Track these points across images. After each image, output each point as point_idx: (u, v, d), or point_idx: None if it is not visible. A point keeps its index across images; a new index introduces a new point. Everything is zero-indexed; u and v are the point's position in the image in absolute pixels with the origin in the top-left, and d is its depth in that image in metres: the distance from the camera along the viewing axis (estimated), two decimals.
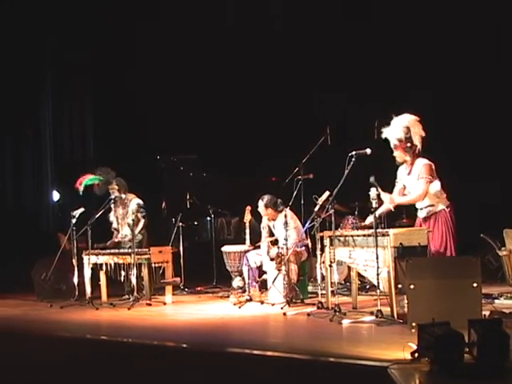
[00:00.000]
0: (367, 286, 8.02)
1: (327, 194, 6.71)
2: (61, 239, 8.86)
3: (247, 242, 8.12)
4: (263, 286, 7.76)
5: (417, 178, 6.26)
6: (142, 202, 8.53)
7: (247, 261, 7.84)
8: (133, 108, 11.21)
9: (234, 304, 7.44)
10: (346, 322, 5.88)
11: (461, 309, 5.08)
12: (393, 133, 6.34)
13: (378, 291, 6.03)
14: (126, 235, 8.50)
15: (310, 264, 7.87)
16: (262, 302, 7.41)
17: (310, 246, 7.67)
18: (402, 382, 3.80)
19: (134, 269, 7.76)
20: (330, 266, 6.56)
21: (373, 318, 5.87)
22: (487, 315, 5.45)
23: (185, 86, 11.01)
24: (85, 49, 11.71)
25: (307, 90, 10.52)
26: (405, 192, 6.51)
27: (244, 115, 10.80)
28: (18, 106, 11.64)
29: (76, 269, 8.12)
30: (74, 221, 8.13)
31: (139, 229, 8.39)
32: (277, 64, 10.64)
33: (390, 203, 6.32)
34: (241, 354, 4.89)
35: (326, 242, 6.68)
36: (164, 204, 10.16)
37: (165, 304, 7.93)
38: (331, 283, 6.65)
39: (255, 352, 4.84)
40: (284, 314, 6.68)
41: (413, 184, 6.34)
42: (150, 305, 7.77)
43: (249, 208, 8.21)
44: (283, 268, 7.24)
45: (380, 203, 6.42)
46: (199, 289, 9.11)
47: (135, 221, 8.16)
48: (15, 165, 11.93)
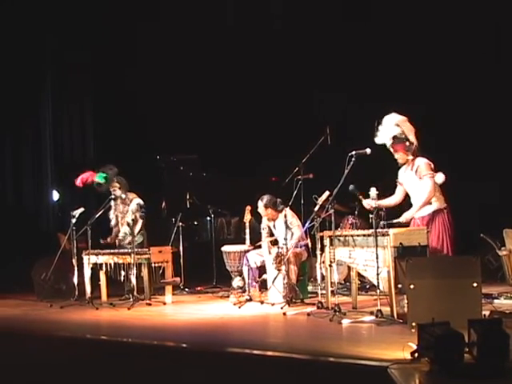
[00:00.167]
0: (367, 286, 8.01)
1: (327, 193, 6.71)
2: (61, 239, 8.85)
3: (247, 241, 8.12)
4: (263, 286, 7.76)
5: (418, 177, 6.28)
6: (142, 203, 8.53)
7: (247, 261, 7.84)
8: (133, 108, 11.20)
9: (234, 304, 7.44)
10: (345, 322, 5.88)
11: (461, 309, 5.08)
12: (387, 134, 6.35)
13: (378, 291, 6.03)
14: (125, 234, 8.50)
15: (309, 264, 7.87)
16: (262, 302, 7.41)
17: (309, 245, 7.67)
18: (402, 381, 3.80)
19: (134, 269, 7.76)
20: (330, 265, 6.57)
21: (373, 317, 5.87)
22: (487, 315, 5.45)
23: (185, 86, 11.01)
24: (85, 49, 11.70)
25: (307, 90, 10.52)
26: (400, 189, 6.56)
27: (244, 115, 10.79)
28: (18, 106, 11.63)
29: (76, 269, 8.12)
30: (73, 221, 8.13)
31: (137, 230, 8.38)
32: (277, 64, 10.63)
33: (408, 220, 6.32)
34: (241, 354, 4.89)
35: (326, 241, 6.68)
36: (164, 204, 10.16)
37: (165, 304, 7.93)
38: (331, 283, 6.65)
39: (255, 352, 4.84)
40: (284, 313, 6.68)
41: (413, 182, 6.35)
42: (149, 305, 7.77)
43: (249, 208, 8.20)
44: (283, 268, 7.24)
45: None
46: (199, 289, 9.11)
47: (134, 220, 8.16)
48: (15, 165, 11.92)
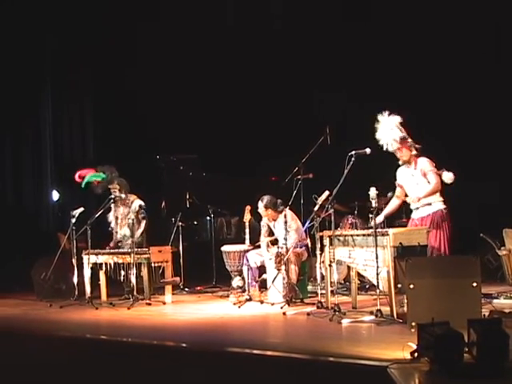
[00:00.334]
0: (367, 286, 8.01)
1: (327, 193, 6.71)
2: (60, 239, 8.86)
3: (247, 241, 8.12)
4: (263, 286, 7.76)
5: (423, 174, 6.30)
6: (143, 204, 8.52)
7: (247, 260, 7.84)
8: (133, 108, 11.20)
9: (234, 304, 7.44)
10: (345, 322, 5.88)
11: (460, 308, 5.08)
12: (390, 136, 6.36)
13: (378, 291, 6.04)
14: (125, 235, 8.50)
15: (309, 264, 7.87)
16: (262, 302, 7.41)
17: (309, 245, 7.67)
18: (402, 381, 3.80)
19: (134, 268, 7.77)
20: (330, 265, 6.57)
21: (372, 317, 5.87)
22: (487, 315, 5.45)
23: (185, 86, 11.00)
24: (85, 49, 11.70)
25: (307, 90, 10.52)
26: (399, 191, 6.57)
27: (244, 115, 10.79)
28: (18, 106, 11.62)
29: (76, 268, 8.12)
30: (73, 220, 8.13)
31: (140, 231, 8.37)
32: (277, 64, 10.63)
33: (417, 201, 6.32)
34: (240, 354, 4.90)
35: (326, 241, 6.68)
36: (164, 204, 10.16)
37: (164, 304, 7.93)
38: (331, 283, 6.65)
39: (255, 352, 4.85)
40: (284, 313, 6.68)
41: (416, 180, 6.35)
42: (149, 304, 7.77)
43: (248, 208, 8.21)
44: (283, 268, 7.23)
45: (380, 203, 6.44)
46: (199, 288, 9.10)
47: (135, 221, 8.16)
48: (15, 165, 11.91)
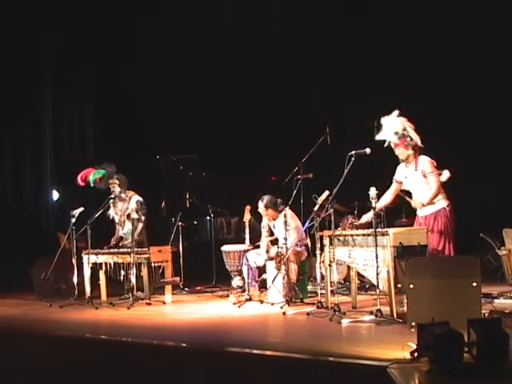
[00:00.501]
0: (367, 286, 8.01)
1: (327, 193, 6.71)
2: (60, 239, 8.86)
3: (247, 241, 8.13)
4: (263, 286, 7.77)
5: (423, 175, 6.29)
6: (142, 199, 8.50)
7: (247, 260, 7.84)
8: (133, 108, 11.20)
9: (234, 303, 7.44)
10: (345, 322, 5.87)
11: (460, 308, 5.07)
12: (389, 130, 6.36)
13: (378, 291, 6.04)
14: (127, 231, 8.47)
15: (309, 263, 7.87)
16: (262, 302, 7.41)
17: (309, 245, 7.68)
18: (402, 381, 3.79)
19: (134, 268, 7.77)
20: (330, 265, 6.57)
21: (372, 317, 5.87)
22: (487, 315, 5.45)
23: (184, 86, 11.01)
24: (85, 49, 11.70)
25: (307, 90, 10.52)
26: (402, 188, 6.57)
27: (244, 115, 10.80)
28: (18, 106, 11.63)
29: (75, 268, 8.13)
30: (73, 220, 8.13)
31: (140, 228, 8.37)
32: (277, 64, 10.64)
33: (421, 207, 6.33)
34: (240, 354, 4.90)
35: (326, 241, 6.68)
36: (164, 203, 10.16)
37: (164, 303, 7.94)
38: (331, 283, 6.65)
39: (255, 351, 4.84)
40: (283, 313, 6.67)
41: (416, 180, 6.35)
42: (149, 304, 7.77)
43: (248, 207, 8.21)
44: (283, 267, 7.24)
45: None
46: (199, 288, 9.11)
47: (136, 219, 8.16)
48: (15, 165, 11.91)
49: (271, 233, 7.94)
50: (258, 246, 7.95)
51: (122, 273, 8.08)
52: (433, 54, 9.50)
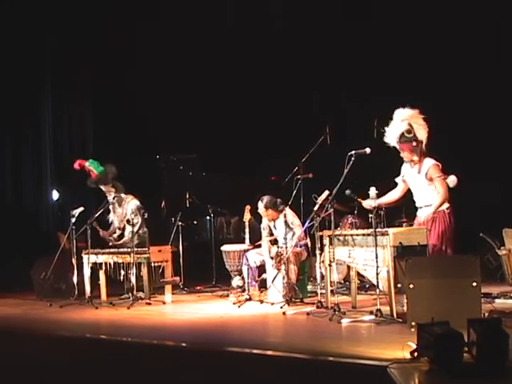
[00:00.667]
0: (367, 286, 8.01)
1: (327, 193, 6.72)
2: (60, 238, 8.85)
3: (247, 241, 8.13)
4: (263, 286, 7.76)
5: (428, 179, 6.26)
6: (139, 204, 8.47)
7: (247, 260, 7.84)
8: (133, 108, 11.20)
9: (234, 303, 7.44)
10: (345, 322, 5.87)
11: (460, 308, 5.07)
12: (395, 130, 6.34)
13: (378, 290, 6.04)
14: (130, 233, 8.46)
15: (309, 263, 7.87)
16: (262, 302, 7.41)
17: (309, 245, 7.67)
18: (402, 381, 3.79)
19: (134, 268, 7.77)
20: (330, 265, 6.57)
21: (372, 317, 5.87)
22: (487, 315, 5.45)
23: (184, 86, 11.01)
24: (85, 49, 11.70)
25: (307, 90, 10.52)
26: (402, 186, 6.55)
27: (244, 115, 10.80)
28: (18, 106, 11.62)
29: (75, 268, 8.13)
30: (73, 220, 8.13)
31: (136, 229, 8.32)
32: (277, 64, 10.63)
33: (432, 213, 6.29)
34: (240, 354, 4.89)
35: (326, 241, 6.68)
36: (163, 203, 10.16)
37: (164, 303, 7.93)
38: (331, 282, 6.65)
39: (255, 351, 4.84)
40: (283, 313, 6.67)
41: (420, 183, 6.33)
42: (149, 304, 7.77)
43: (248, 207, 8.21)
44: (283, 267, 7.23)
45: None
46: (199, 288, 9.11)
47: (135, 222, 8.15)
48: (15, 165, 11.91)
49: (271, 234, 7.93)
50: (258, 246, 7.95)
51: (122, 273, 8.07)
52: (433, 54, 9.49)
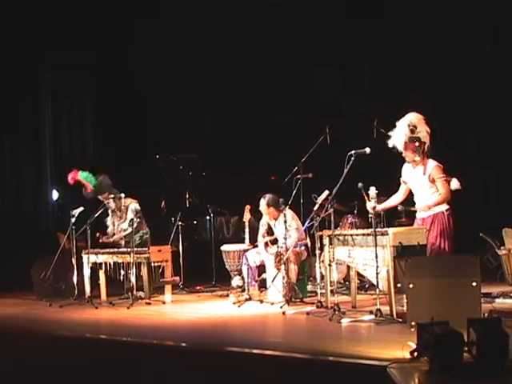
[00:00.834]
0: (366, 285, 8.01)
1: (326, 193, 6.72)
2: (60, 238, 8.86)
3: (246, 241, 8.14)
4: (262, 285, 7.77)
5: (430, 180, 6.25)
6: (138, 207, 8.47)
7: (246, 260, 7.84)
8: (133, 108, 11.21)
9: (234, 303, 7.44)
10: (345, 321, 5.87)
11: (460, 308, 5.08)
12: (398, 133, 6.33)
13: (378, 290, 6.04)
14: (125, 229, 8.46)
15: (309, 263, 7.87)
16: (262, 301, 7.41)
17: (309, 245, 7.68)
18: (402, 381, 3.79)
19: (134, 268, 7.76)
20: (330, 265, 6.57)
21: (372, 317, 5.87)
22: (486, 314, 5.45)
23: (184, 86, 11.01)
24: (85, 49, 11.69)
25: (307, 90, 10.52)
26: (403, 188, 6.54)
27: (244, 115, 10.80)
28: (18, 106, 11.63)
29: (75, 268, 8.13)
30: (73, 220, 8.13)
31: (128, 232, 8.25)
32: (276, 64, 10.63)
33: (427, 209, 6.27)
34: (240, 353, 4.89)
35: (326, 241, 6.68)
36: (163, 203, 10.16)
37: (164, 303, 7.93)
38: (330, 282, 6.65)
39: (254, 351, 4.84)
40: (283, 313, 6.67)
41: (422, 184, 6.32)
42: (149, 304, 7.77)
43: (248, 207, 8.21)
44: (282, 267, 7.23)
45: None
46: (198, 288, 9.11)
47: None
48: (15, 165, 11.91)
49: (270, 231, 7.93)
50: (258, 246, 7.94)
51: (122, 272, 8.08)
52: (432, 54, 9.49)
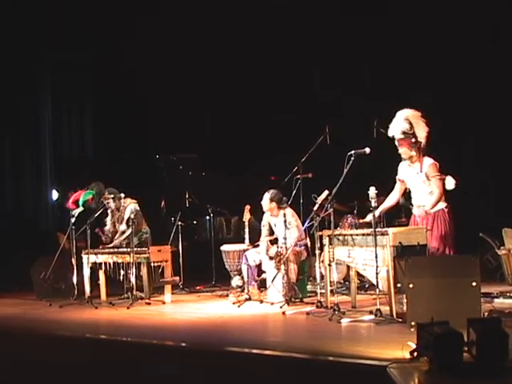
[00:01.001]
0: (366, 285, 8.00)
1: (326, 193, 6.72)
2: (60, 238, 8.86)
3: (246, 241, 8.13)
4: (262, 285, 7.76)
5: (426, 178, 6.25)
6: (137, 208, 8.46)
7: (246, 260, 7.83)
8: (133, 108, 11.21)
9: (233, 303, 7.44)
10: (345, 321, 5.87)
11: (460, 308, 5.07)
12: (397, 127, 6.33)
13: (377, 290, 6.03)
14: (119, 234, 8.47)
15: (309, 263, 7.87)
16: (261, 301, 7.41)
17: (309, 245, 7.67)
18: (401, 381, 3.79)
19: (133, 268, 7.76)
20: (329, 265, 6.57)
21: (372, 317, 5.87)
22: (486, 314, 5.45)
23: (184, 86, 11.01)
24: (85, 49, 11.69)
25: (307, 90, 10.53)
26: (399, 186, 6.54)
27: (243, 115, 10.80)
28: (18, 106, 11.63)
29: (75, 268, 8.13)
30: (73, 220, 8.13)
31: (128, 233, 8.26)
32: (277, 64, 10.63)
33: (429, 212, 6.28)
34: (240, 353, 4.89)
35: (325, 241, 6.68)
36: (163, 203, 10.16)
37: (164, 303, 7.93)
38: (330, 282, 6.65)
39: (254, 351, 4.84)
40: (283, 313, 6.67)
41: (418, 181, 6.33)
42: (149, 304, 7.77)
43: (248, 207, 8.21)
44: (282, 267, 7.23)
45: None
46: (198, 288, 9.10)
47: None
48: (15, 165, 11.91)
49: (271, 232, 7.93)
50: (258, 246, 7.94)
51: (122, 272, 8.08)
52: (432, 54, 9.48)
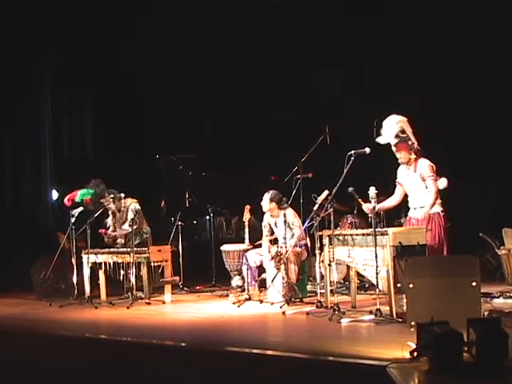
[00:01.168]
0: (366, 285, 8.00)
1: (326, 193, 6.72)
2: (60, 238, 8.86)
3: (246, 241, 8.13)
4: (262, 285, 7.77)
5: (422, 178, 6.26)
6: (138, 207, 8.46)
7: (246, 260, 7.84)
8: (133, 108, 11.21)
9: (233, 303, 7.44)
10: (345, 321, 5.87)
11: (460, 308, 5.08)
12: (389, 132, 6.34)
13: (377, 290, 6.03)
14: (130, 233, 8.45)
15: (309, 263, 7.87)
16: (261, 301, 7.41)
17: (309, 245, 7.67)
18: (401, 381, 3.79)
19: (133, 268, 7.76)
20: (329, 265, 6.57)
21: (372, 317, 5.87)
22: (486, 314, 5.45)
23: (184, 86, 11.02)
24: (85, 49, 11.69)
25: (307, 90, 10.53)
26: (399, 190, 6.54)
27: (243, 115, 10.80)
28: (18, 106, 11.63)
29: (75, 268, 8.13)
30: (73, 220, 8.13)
31: (131, 229, 8.27)
32: (277, 64, 10.63)
33: (427, 213, 6.28)
34: (240, 353, 4.89)
35: (325, 241, 6.68)
36: (163, 203, 10.17)
37: (164, 303, 7.93)
38: (330, 282, 6.65)
39: (254, 351, 4.84)
40: (283, 313, 6.67)
41: (415, 183, 6.33)
42: (149, 304, 7.77)
43: (248, 207, 8.21)
44: (282, 267, 7.23)
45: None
46: (198, 288, 9.10)
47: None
48: (14, 165, 11.91)
49: (272, 232, 7.93)
50: (258, 246, 7.94)
51: (122, 272, 8.08)
52: (432, 54, 9.49)
